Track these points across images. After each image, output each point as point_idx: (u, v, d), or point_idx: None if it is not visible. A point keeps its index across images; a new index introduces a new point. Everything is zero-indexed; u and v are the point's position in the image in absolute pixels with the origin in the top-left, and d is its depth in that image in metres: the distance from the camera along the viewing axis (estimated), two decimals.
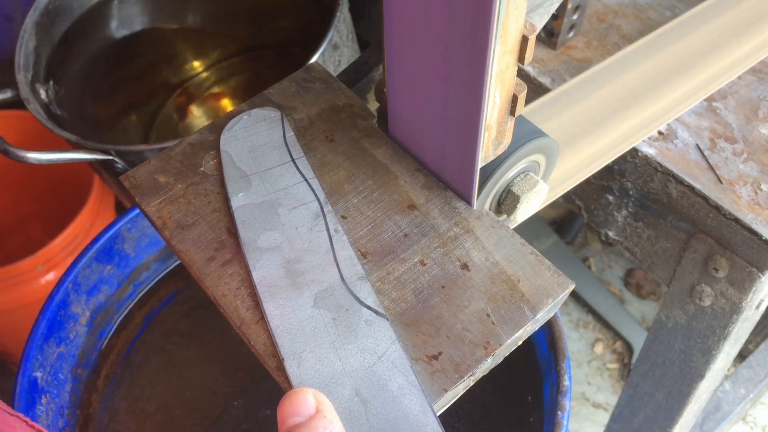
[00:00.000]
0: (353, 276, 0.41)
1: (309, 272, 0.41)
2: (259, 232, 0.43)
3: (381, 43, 0.43)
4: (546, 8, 0.51)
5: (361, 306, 0.40)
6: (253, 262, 0.42)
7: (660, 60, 0.65)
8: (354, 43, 0.99)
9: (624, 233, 0.73)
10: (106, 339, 0.84)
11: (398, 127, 0.47)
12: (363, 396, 0.37)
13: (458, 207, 0.45)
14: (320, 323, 0.39)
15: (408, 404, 0.37)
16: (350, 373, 0.38)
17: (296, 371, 0.38)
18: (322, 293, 0.41)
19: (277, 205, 0.45)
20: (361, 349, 0.38)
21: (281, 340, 0.39)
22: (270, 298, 0.40)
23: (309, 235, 0.43)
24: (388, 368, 0.38)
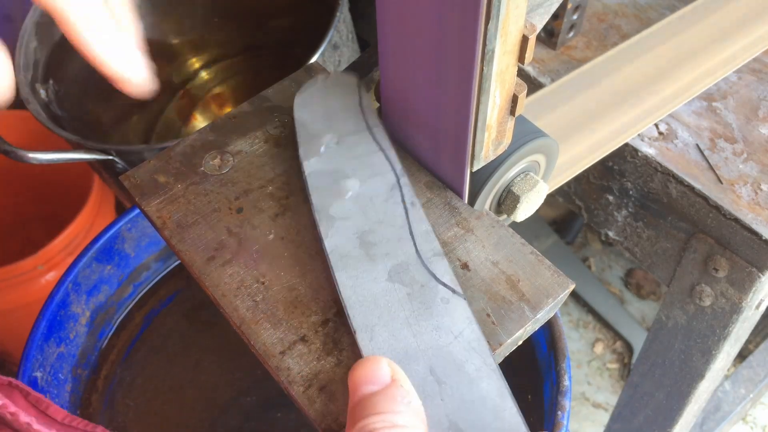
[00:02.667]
0: (429, 252, 0.40)
1: (383, 244, 0.40)
2: (332, 200, 0.42)
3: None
4: (546, 8, 0.51)
5: (438, 283, 0.39)
6: (325, 230, 0.41)
7: (655, 56, 0.65)
8: (354, 43, 0.99)
9: (624, 233, 0.73)
10: (106, 339, 0.84)
11: (393, 125, 0.47)
12: (438, 375, 0.35)
13: (458, 207, 0.45)
14: (394, 298, 0.38)
15: (485, 387, 0.35)
16: (425, 350, 0.36)
17: (368, 345, 0.36)
18: (397, 267, 0.39)
19: (352, 174, 0.43)
20: (436, 327, 0.37)
21: (353, 311, 0.38)
22: (342, 268, 0.39)
23: (384, 206, 0.42)
24: (464, 348, 0.36)
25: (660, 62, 0.65)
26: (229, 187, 0.46)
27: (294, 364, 0.38)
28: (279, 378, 0.38)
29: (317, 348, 0.39)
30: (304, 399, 0.37)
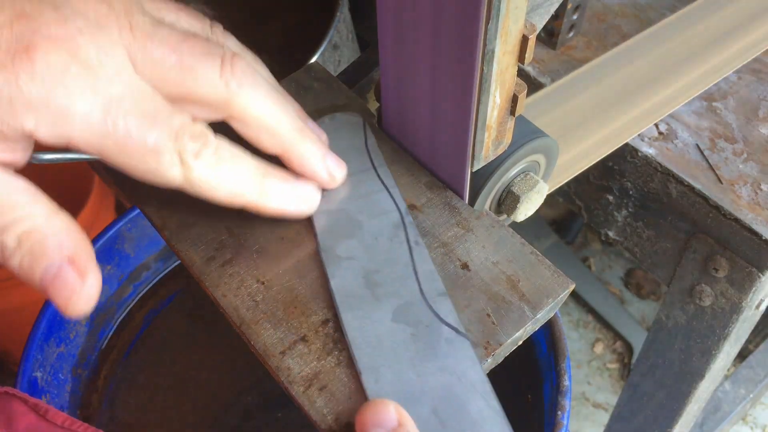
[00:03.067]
0: (433, 292, 0.40)
1: (388, 284, 0.40)
2: (338, 240, 0.42)
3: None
4: (546, 8, 0.51)
5: (441, 323, 0.39)
6: (332, 270, 0.41)
7: (655, 56, 0.65)
8: (354, 43, 0.99)
9: (624, 233, 0.73)
10: (106, 339, 0.84)
11: (392, 124, 0.48)
12: (441, 417, 0.36)
13: (458, 207, 0.45)
14: (399, 338, 0.38)
15: (488, 430, 0.35)
16: (428, 392, 0.36)
17: (373, 387, 0.37)
18: (402, 307, 0.39)
19: (357, 213, 0.44)
20: (440, 368, 0.37)
21: (359, 353, 0.38)
22: (348, 308, 0.39)
23: (389, 245, 0.42)
24: (468, 390, 0.36)
25: (660, 62, 0.65)
26: None
27: (294, 364, 0.38)
28: (279, 378, 0.38)
29: (317, 348, 0.39)
30: (305, 399, 0.37)
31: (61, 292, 0.35)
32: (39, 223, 0.35)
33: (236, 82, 0.39)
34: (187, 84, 0.38)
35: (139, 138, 0.35)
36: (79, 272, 0.35)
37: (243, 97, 0.39)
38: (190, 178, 0.38)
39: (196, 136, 0.37)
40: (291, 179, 0.42)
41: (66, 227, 0.36)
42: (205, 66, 0.38)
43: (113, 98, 0.35)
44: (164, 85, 0.37)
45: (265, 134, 0.41)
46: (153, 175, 0.37)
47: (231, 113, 0.40)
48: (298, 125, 0.42)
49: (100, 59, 0.35)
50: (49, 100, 0.33)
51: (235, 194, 0.40)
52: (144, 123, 0.35)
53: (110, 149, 0.36)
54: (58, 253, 0.35)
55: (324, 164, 0.43)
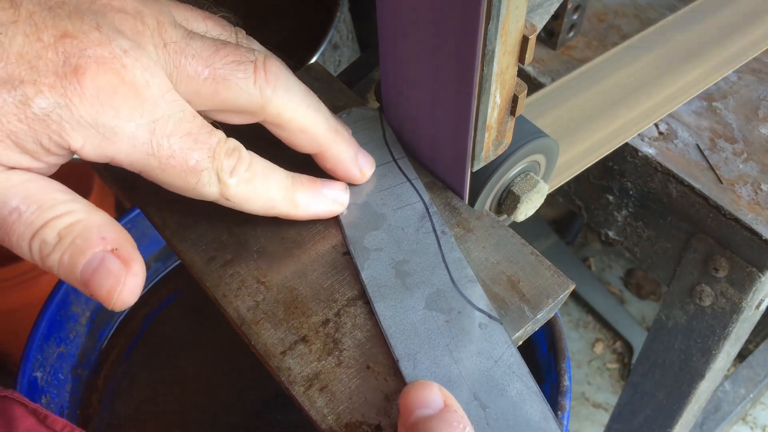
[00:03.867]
0: (463, 278, 0.41)
1: (418, 273, 0.41)
2: (365, 232, 0.43)
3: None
4: (546, 8, 0.51)
5: (474, 309, 0.39)
6: (361, 262, 0.42)
7: (655, 55, 0.65)
8: (354, 43, 0.99)
9: (624, 233, 0.73)
10: (106, 339, 0.84)
11: (392, 124, 0.48)
12: (482, 400, 0.36)
13: (459, 207, 0.45)
14: (433, 325, 0.39)
15: (528, 410, 0.36)
16: (467, 376, 0.37)
17: (412, 373, 0.37)
18: (433, 295, 0.40)
19: (382, 206, 0.45)
20: (477, 353, 0.38)
21: (395, 341, 0.38)
22: (381, 298, 0.40)
23: (416, 236, 0.43)
24: (505, 373, 0.37)
25: (660, 62, 0.65)
26: None
27: (295, 365, 0.38)
28: (280, 378, 0.38)
29: (318, 348, 0.39)
30: (305, 399, 0.37)
31: (105, 282, 0.34)
32: (80, 217, 0.35)
33: (270, 88, 0.40)
34: (222, 95, 0.39)
35: (182, 158, 0.36)
36: (123, 261, 0.35)
37: (278, 102, 0.40)
38: (226, 194, 0.39)
39: (230, 152, 0.38)
40: (319, 185, 0.43)
41: (108, 220, 0.36)
42: (238, 75, 0.39)
43: (158, 119, 0.35)
44: (199, 98, 0.38)
45: (302, 135, 0.42)
46: (191, 191, 0.38)
47: (266, 118, 0.41)
48: (333, 125, 0.43)
49: (146, 80, 0.35)
50: (98, 121, 0.34)
51: (268, 206, 0.41)
52: (186, 144, 0.36)
53: (153, 168, 0.36)
54: (101, 244, 0.35)
55: (356, 162, 0.44)
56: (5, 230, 0.34)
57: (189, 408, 0.95)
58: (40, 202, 0.34)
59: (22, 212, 0.34)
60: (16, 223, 0.34)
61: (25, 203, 0.34)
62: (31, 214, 0.34)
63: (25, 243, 0.34)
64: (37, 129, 0.33)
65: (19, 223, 0.34)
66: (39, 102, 0.32)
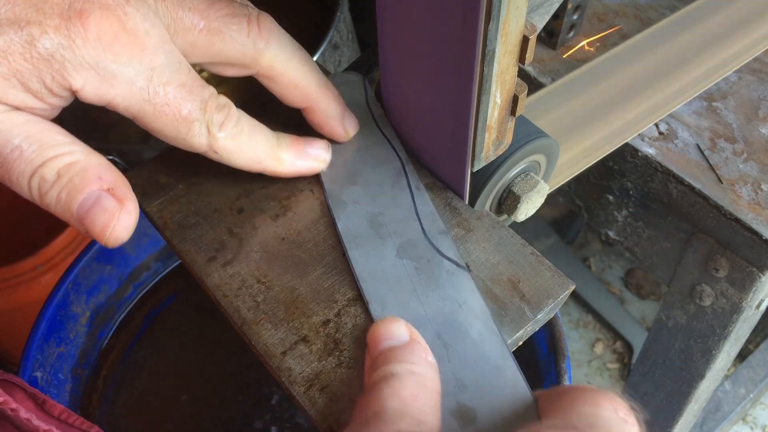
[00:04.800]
0: (435, 230, 0.43)
1: (392, 225, 0.43)
2: (343, 187, 0.45)
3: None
4: (546, 8, 0.51)
5: (443, 258, 0.41)
6: (338, 214, 0.44)
7: (655, 56, 0.65)
8: (354, 43, 0.99)
9: (624, 233, 0.73)
10: (106, 339, 0.84)
11: (393, 125, 0.48)
12: (445, 340, 0.38)
13: (459, 207, 0.45)
14: (403, 272, 0.41)
15: (488, 349, 0.38)
16: (432, 318, 0.39)
17: (381, 314, 0.39)
18: (405, 244, 0.42)
19: (361, 163, 0.47)
20: (442, 297, 0.40)
21: (365, 284, 0.40)
22: (355, 246, 0.42)
23: (391, 191, 0.45)
24: (468, 316, 0.39)
25: (660, 62, 0.65)
26: (230, 188, 0.46)
27: (295, 365, 0.38)
28: (280, 378, 0.38)
29: (318, 348, 0.39)
30: (306, 399, 0.37)
31: (99, 219, 0.36)
32: (79, 158, 0.37)
33: (263, 41, 0.42)
34: (216, 46, 0.41)
35: (175, 107, 0.38)
36: (118, 200, 0.37)
37: (270, 55, 0.42)
38: (214, 147, 0.40)
39: (221, 107, 0.40)
40: (302, 144, 0.45)
41: (105, 162, 0.38)
42: (232, 28, 0.41)
43: (156, 67, 0.37)
44: (194, 49, 0.40)
45: (293, 89, 0.44)
46: (181, 141, 0.40)
47: (259, 71, 0.43)
48: (323, 81, 0.45)
49: (146, 29, 0.37)
50: (99, 64, 0.36)
51: (253, 161, 0.43)
52: (180, 93, 0.38)
53: (146, 114, 0.38)
54: (98, 183, 0.37)
55: (342, 120, 0.47)
56: (6, 167, 0.36)
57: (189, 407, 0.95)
58: (41, 142, 0.36)
59: (23, 150, 0.35)
60: (17, 160, 0.35)
61: (27, 142, 0.35)
62: (33, 153, 0.36)
63: (24, 180, 0.36)
64: (41, 68, 0.34)
65: (20, 160, 0.35)
66: (44, 42, 0.34)
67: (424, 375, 0.34)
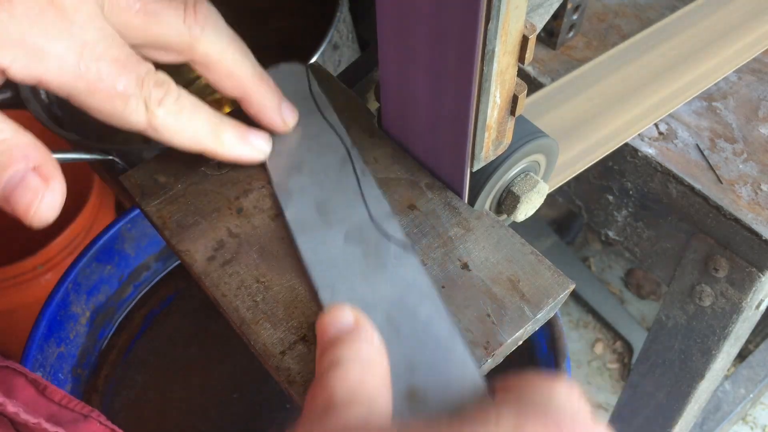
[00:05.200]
0: (381, 214, 0.43)
1: (339, 211, 0.43)
2: (289, 176, 0.46)
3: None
4: (546, 8, 0.51)
5: (390, 241, 0.42)
6: (285, 202, 0.44)
7: (655, 56, 0.65)
8: (354, 43, 0.99)
9: (624, 233, 0.73)
10: (106, 339, 0.84)
11: (392, 124, 0.48)
12: (394, 322, 0.38)
13: (458, 207, 0.45)
14: (351, 257, 0.41)
15: (437, 329, 0.38)
16: (381, 301, 0.39)
17: (329, 300, 0.39)
18: (352, 230, 0.42)
19: (306, 152, 0.47)
20: (390, 280, 0.40)
21: (314, 272, 0.41)
22: (302, 233, 0.42)
23: (337, 177, 0.45)
24: (416, 296, 0.39)
25: (660, 62, 0.65)
26: (229, 187, 0.46)
27: (294, 365, 0.38)
28: (279, 378, 0.38)
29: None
30: (305, 399, 0.37)
31: (23, 197, 0.36)
32: (6, 136, 0.36)
33: (199, 27, 0.41)
34: (152, 29, 0.40)
35: (110, 82, 0.37)
36: (43, 178, 0.36)
37: (206, 42, 0.42)
38: (153, 124, 0.40)
39: (159, 83, 0.39)
40: (245, 130, 0.45)
41: (33, 142, 0.37)
42: (169, 12, 0.40)
43: (87, 43, 0.37)
44: (129, 30, 0.40)
45: (227, 78, 0.44)
46: (118, 118, 0.39)
47: (194, 57, 0.42)
48: (258, 71, 0.45)
49: (74, 5, 0.36)
50: (26, 39, 0.35)
51: (194, 141, 0.42)
52: (114, 68, 0.37)
53: (80, 91, 0.37)
54: (24, 162, 0.36)
55: (280, 110, 0.46)
56: None
57: (189, 407, 0.95)
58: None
59: None
60: None
61: None
62: None
63: None
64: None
65: None
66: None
67: (370, 358, 0.34)
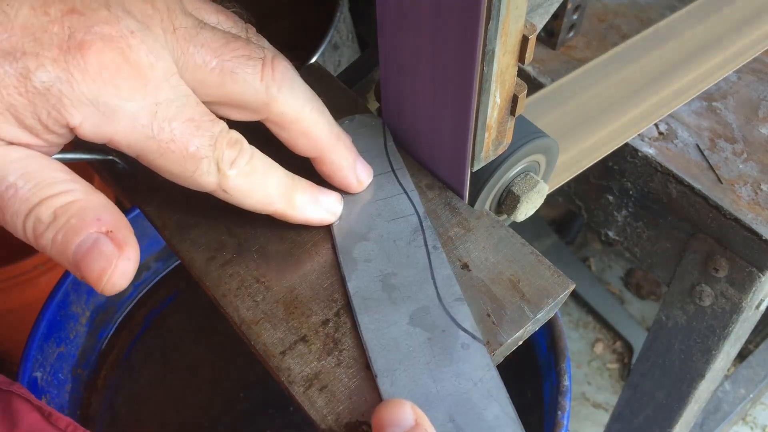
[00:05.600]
0: (450, 296, 0.40)
1: (405, 288, 0.40)
2: (356, 242, 0.43)
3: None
4: (546, 8, 0.51)
5: (458, 329, 0.39)
6: (349, 273, 0.41)
7: (655, 56, 0.65)
8: (354, 43, 0.99)
9: (624, 233, 0.73)
10: (106, 339, 0.84)
11: (392, 125, 0.48)
12: (457, 423, 0.36)
13: (458, 207, 0.45)
14: (415, 342, 0.38)
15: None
16: (444, 397, 0.36)
17: (389, 389, 0.37)
18: (419, 311, 0.39)
19: (376, 216, 0.44)
20: (456, 374, 0.37)
21: (374, 355, 0.38)
22: (365, 310, 0.39)
23: (407, 249, 0.42)
24: (484, 396, 0.36)
25: (660, 62, 0.65)
26: None
27: (294, 365, 0.38)
28: (279, 378, 0.38)
29: (318, 348, 0.39)
30: (305, 399, 0.37)
31: (96, 265, 0.34)
32: (78, 197, 0.34)
33: (276, 86, 0.39)
34: (227, 87, 0.38)
35: (182, 144, 0.36)
36: (116, 244, 0.34)
37: (282, 101, 0.40)
38: (224, 186, 0.38)
39: (232, 143, 0.38)
40: (317, 192, 0.42)
41: (106, 203, 0.35)
42: (246, 70, 0.38)
43: (161, 102, 0.35)
44: (204, 88, 0.38)
45: (303, 138, 0.42)
46: (189, 180, 0.37)
47: (269, 117, 0.40)
48: (335, 130, 0.43)
49: (151, 62, 0.35)
50: (99, 99, 0.33)
51: (265, 203, 0.40)
52: (188, 129, 0.36)
53: (151, 152, 0.36)
54: (96, 226, 0.34)
55: (355, 170, 0.44)
56: (0, 206, 0.34)
57: (189, 407, 0.95)
58: (37, 180, 0.34)
59: (18, 188, 0.33)
60: (11, 199, 0.33)
61: (22, 179, 0.33)
62: (28, 191, 0.33)
63: (19, 220, 0.34)
64: (36, 103, 0.32)
65: (15, 199, 0.33)
66: (40, 75, 0.32)
67: None
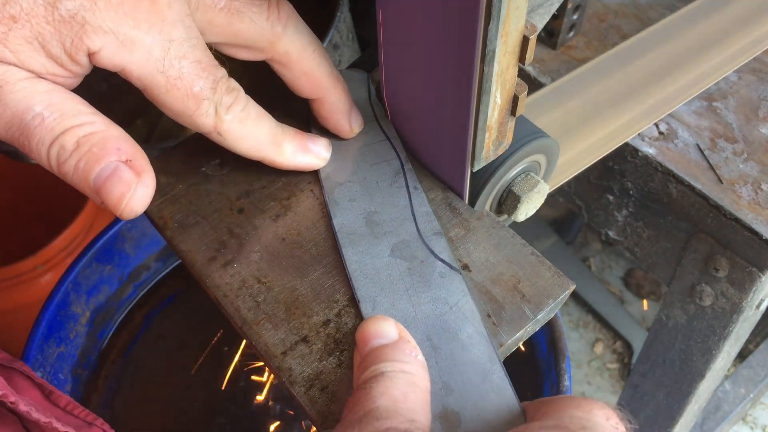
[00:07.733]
0: (429, 231, 0.43)
1: (387, 224, 0.43)
2: (341, 184, 0.46)
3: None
4: (546, 8, 0.51)
5: (436, 259, 0.41)
6: (334, 211, 0.44)
7: (655, 56, 0.65)
8: (354, 43, 0.99)
9: (624, 233, 0.73)
10: (106, 339, 0.84)
11: (395, 125, 0.48)
12: (434, 342, 0.38)
13: (459, 208, 0.45)
14: (396, 271, 0.41)
15: (476, 352, 0.38)
16: (422, 319, 0.39)
17: (371, 312, 0.39)
18: (399, 244, 0.42)
19: (360, 160, 0.47)
20: (433, 299, 0.40)
21: (357, 283, 0.41)
22: (349, 244, 0.42)
23: (389, 189, 0.45)
24: (458, 318, 0.39)
25: (660, 62, 0.65)
26: (231, 188, 0.46)
27: (296, 365, 0.38)
28: (281, 378, 0.38)
29: (319, 348, 0.39)
30: (306, 399, 0.37)
31: (116, 189, 0.36)
32: (99, 128, 0.37)
33: (281, 25, 0.42)
34: (235, 26, 0.41)
35: (188, 82, 0.38)
36: (135, 171, 0.37)
37: (287, 40, 0.42)
38: (219, 128, 0.40)
39: (231, 90, 0.40)
40: (305, 139, 0.45)
41: (124, 135, 0.38)
42: (252, 9, 0.41)
43: (174, 40, 0.37)
44: (212, 27, 0.40)
45: (304, 77, 0.44)
46: (188, 118, 0.39)
47: (274, 55, 0.43)
48: (335, 74, 0.45)
49: (169, 1, 0.37)
50: (118, 28, 0.35)
51: (256, 149, 0.43)
52: (195, 70, 0.38)
53: (158, 86, 0.38)
54: (116, 154, 0.36)
55: (349, 116, 0.47)
56: (26, 135, 0.35)
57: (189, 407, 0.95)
58: (62, 110, 0.36)
59: (45, 118, 0.35)
60: (38, 128, 0.35)
61: (48, 109, 0.35)
62: (53, 121, 0.35)
63: (44, 148, 0.36)
64: (62, 31, 0.34)
65: (41, 128, 0.35)
66: (66, 3, 0.34)
67: (414, 374, 0.34)
